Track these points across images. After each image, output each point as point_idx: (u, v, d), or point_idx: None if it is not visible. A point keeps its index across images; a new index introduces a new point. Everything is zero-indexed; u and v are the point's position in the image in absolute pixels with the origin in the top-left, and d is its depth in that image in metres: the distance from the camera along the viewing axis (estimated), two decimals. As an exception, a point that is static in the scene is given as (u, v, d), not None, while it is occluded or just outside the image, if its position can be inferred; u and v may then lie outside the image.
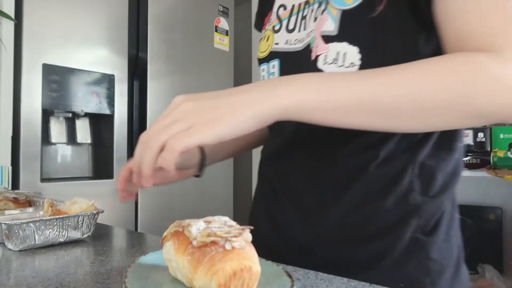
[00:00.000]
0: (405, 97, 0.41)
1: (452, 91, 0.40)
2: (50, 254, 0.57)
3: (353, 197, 0.53)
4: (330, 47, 0.51)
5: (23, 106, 1.31)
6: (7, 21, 1.29)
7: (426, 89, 0.40)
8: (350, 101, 0.41)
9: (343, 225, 0.54)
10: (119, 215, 1.53)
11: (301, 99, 0.41)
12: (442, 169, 0.54)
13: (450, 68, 0.41)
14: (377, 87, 0.41)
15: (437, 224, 0.54)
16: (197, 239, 0.39)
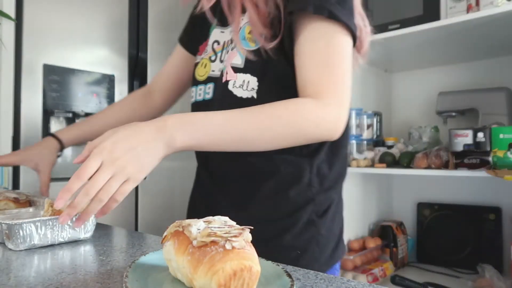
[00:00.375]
0: (259, 133, 0.62)
1: (288, 127, 0.63)
2: (50, 254, 0.57)
3: (269, 189, 0.73)
4: (238, 76, 0.72)
5: (23, 106, 1.31)
6: (7, 21, 1.29)
7: (271, 127, 0.62)
8: (225, 139, 0.61)
9: (260, 209, 0.73)
10: (119, 215, 1.53)
11: (190, 144, 0.59)
12: (332, 170, 0.75)
13: (287, 112, 0.63)
14: (239, 128, 0.61)
15: (327, 209, 0.75)
16: (197, 239, 0.39)
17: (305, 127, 0.64)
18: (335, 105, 0.65)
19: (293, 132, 0.64)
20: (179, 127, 0.58)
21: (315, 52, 0.65)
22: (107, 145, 0.54)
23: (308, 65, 0.66)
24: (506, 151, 1.22)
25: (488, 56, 1.70)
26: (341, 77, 0.67)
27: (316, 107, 0.64)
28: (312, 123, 0.64)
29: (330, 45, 0.65)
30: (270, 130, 0.63)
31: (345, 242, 1.68)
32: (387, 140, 1.76)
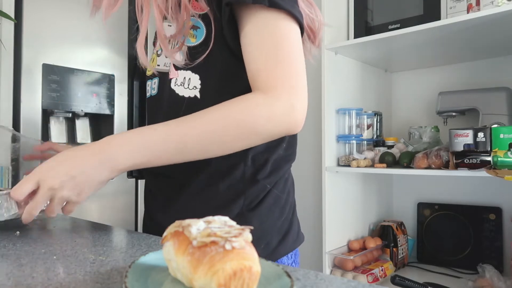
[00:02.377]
0: (204, 141, 0.60)
1: (236, 128, 0.60)
2: (50, 254, 0.57)
3: (199, 183, 0.70)
4: (179, 73, 0.69)
5: (23, 106, 1.31)
6: (7, 21, 1.29)
7: (217, 132, 0.60)
8: (169, 153, 0.60)
9: (189, 204, 0.71)
10: (119, 215, 1.53)
11: (134, 163, 0.60)
12: (270, 160, 0.72)
13: (232, 112, 0.60)
14: (181, 141, 0.60)
15: (260, 202, 0.71)
16: (197, 239, 0.39)
17: (255, 125, 0.60)
18: (286, 96, 0.60)
19: (243, 132, 0.60)
20: (118, 149, 0.60)
21: (261, 42, 0.62)
22: (42, 170, 0.59)
23: (255, 57, 0.62)
24: (507, 151, 1.22)
25: (488, 56, 1.70)
26: (290, 65, 0.61)
27: (264, 101, 0.60)
28: (262, 119, 0.60)
29: (276, 34, 0.62)
30: (216, 135, 0.60)
31: (345, 242, 1.68)
32: (387, 140, 1.76)
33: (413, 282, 1.29)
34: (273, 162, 0.73)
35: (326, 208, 1.58)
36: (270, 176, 0.73)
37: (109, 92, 1.51)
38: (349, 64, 1.74)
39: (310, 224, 1.99)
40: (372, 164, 1.59)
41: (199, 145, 0.61)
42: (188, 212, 0.64)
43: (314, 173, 1.97)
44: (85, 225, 0.80)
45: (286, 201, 0.77)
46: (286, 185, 0.78)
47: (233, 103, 0.61)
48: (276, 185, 0.74)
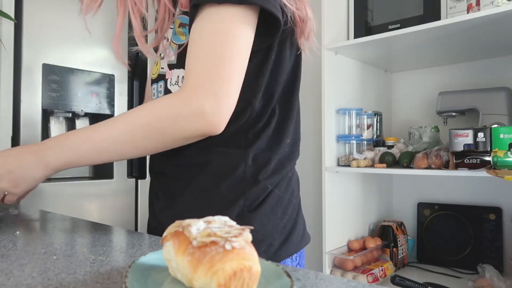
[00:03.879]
0: (120, 142, 0.63)
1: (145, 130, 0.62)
2: (50, 254, 0.57)
3: (200, 183, 0.70)
4: (173, 72, 0.70)
5: (23, 106, 1.31)
6: (7, 21, 1.29)
7: (130, 134, 0.62)
8: (90, 154, 0.64)
9: (189, 204, 0.71)
10: (119, 215, 1.53)
11: (63, 163, 0.66)
12: (272, 160, 0.71)
13: (141, 114, 0.63)
14: (100, 142, 0.63)
15: (261, 203, 0.70)
16: (197, 239, 0.39)
17: (161, 126, 0.61)
18: (199, 99, 0.59)
19: (150, 133, 0.62)
20: (49, 151, 0.66)
21: (198, 41, 0.61)
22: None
23: (189, 55, 0.62)
24: (507, 151, 1.22)
25: (488, 56, 1.70)
26: (218, 68, 0.59)
27: (174, 103, 0.60)
28: (168, 120, 0.60)
29: (215, 32, 0.60)
30: (128, 137, 0.63)
31: (345, 242, 1.68)
32: (387, 140, 1.76)
33: (413, 282, 1.29)
34: (277, 161, 0.72)
35: (326, 208, 1.58)
36: (272, 176, 0.72)
37: (109, 92, 1.51)
38: (349, 64, 1.74)
39: (310, 224, 1.98)
40: (372, 164, 1.59)
41: (114, 146, 0.64)
42: (192, 213, 0.62)
43: (314, 173, 1.97)
44: (85, 225, 0.80)
45: (289, 201, 0.76)
46: (290, 185, 0.77)
47: (147, 105, 0.64)
48: (278, 185, 0.73)
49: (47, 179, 1.46)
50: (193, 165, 0.70)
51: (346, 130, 1.68)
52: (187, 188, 0.72)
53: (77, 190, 1.43)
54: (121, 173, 1.54)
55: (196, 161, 0.70)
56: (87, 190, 1.45)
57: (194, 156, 0.71)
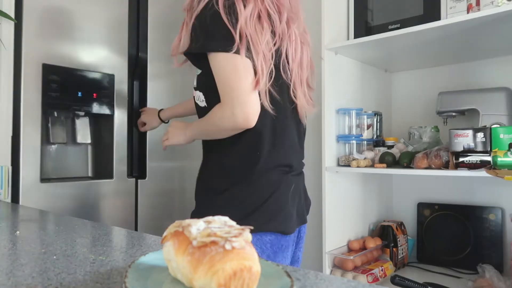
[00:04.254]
0: (206, 131, 1.03)
1: (210, 126, 1.00)
2: (50, 254, 0.57)
3: (203, 172, 1.09)
4: (196, 93, 1.06)
5: (23, 106, 1.31)
6: (7, 21, 1.29)
7: (207, 127, 1.02)
8: (198, 134, 1.07)
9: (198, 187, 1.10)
10: (119, 215, 1.53)
11: (190, 136, 1.11)
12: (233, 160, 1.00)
13: (207, 118, 1.00)
14: (201, 130, 1.05)
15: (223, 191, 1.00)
16: (197, 239, 0.39)
17: (216, 124, 0.96)
18: (228, 107, 0.91)
19: (214, 128, 0.98)
20: (187, 128, 1.12)
21: (216, 77, 0.93)
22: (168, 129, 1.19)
23: (218, 86, 0.94)
24: (506, 151, 1.22)
25: (488, 56, 1.70)
26: (231, 88, 0.90)
27: (218, 111, 0.94)
28: (218, 121, 0.95)
29: (220, 70, 0.92)
30: (208, 129, 1.02)
31: (345, 242, 1.68)
32: (387, 140, 1.76)
33: (413, 282, 1.29)
34: (240, 160, 0.99)
35: (326, 208, 1.58)
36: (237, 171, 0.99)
37: (109, 92, 1.51)
38: (349, 64, 1.74)
39: (310, 224, 1.98)
40: (372, 164, 1.59)
41: (205, 134, 1.04)
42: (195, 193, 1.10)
43: (314, 173, 1.96)
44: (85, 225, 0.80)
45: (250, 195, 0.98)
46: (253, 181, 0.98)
47: (209, 113, 0.98)
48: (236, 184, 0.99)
49: (47, 179, 1.45)
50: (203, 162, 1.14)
51: (346, 130, 1.68)
52: (199, 176, 1.13)
53: (77, 190, 1.43)
54: (121, 173, 1.54)
55: (204, 160, 1.13)
56: (87, 190, 1.45)
57: (204, 157, 1.13)
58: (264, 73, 0.92)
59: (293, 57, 1.01)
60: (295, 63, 1.01)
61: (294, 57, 1.01)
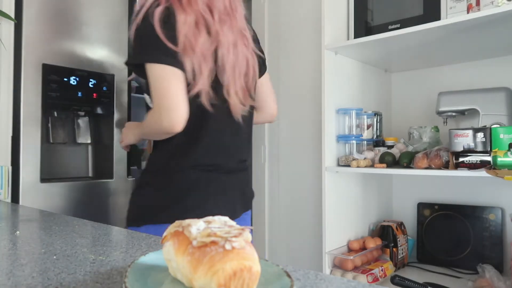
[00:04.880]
0: (144, 132, 1.12)
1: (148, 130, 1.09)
2: (50, 254, 0.57)
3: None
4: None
5: (23, 106, 1.31)
6: (7, 21, 1.29)
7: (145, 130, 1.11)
8: (142, 134, 1.15)
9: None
10: (119, 215, 1.53)
11: (137, 135, 1.17)
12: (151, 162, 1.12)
13: (147, 122, 1.10)
14: (141, 130, 1.14)
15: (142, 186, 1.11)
16: (197, 239, 0.39)
17: (148, 127, 1.06)
18: (156, 113, 0.98)
19: (147, 131, 1.08)
20: (136, 128, 1.19)
21: (150, 85, 0.99)
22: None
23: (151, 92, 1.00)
24: (507, 151, 1.22)
25: (488, 56, 1.70)
26: (160, 96, 0.97)
27: (149, 115, 1.03)
28: (148, 124, 1.05)
29: (152, 80, 0.98)
30: (144, 131, 1.10)
31: (345, 242, 1.68)
32: (387, 140, 1.75)
33: (413, 282, 1.29)
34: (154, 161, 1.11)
35: (326, 208, 1.58)
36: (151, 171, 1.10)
37: (109, 92, 1.51)
38: (349, 64, 1.74)
39: (310, 224, 1.99)
40: (372, 164, 1.59)
41: (145, 134, 1.13)
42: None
43: (314, 173, 1.97)
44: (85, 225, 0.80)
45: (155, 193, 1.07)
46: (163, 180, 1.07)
47: (147, 116, 1.05)
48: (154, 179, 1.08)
49: (48, 179, 1.45)
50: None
51: (346, 130, 1.68)
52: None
53: (77, 190, 1.43)
54: (121, 173, 1.54)
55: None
56: (87, 190, 1.45)
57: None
58: (204, 74, 0.98)
59: (226, 58, 1.04)
60: (228, 64, 1.04)
61: (227, 58, 1.04)
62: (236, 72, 1.07)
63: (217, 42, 1.03)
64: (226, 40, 1.04)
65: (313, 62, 1.96)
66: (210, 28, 1.02)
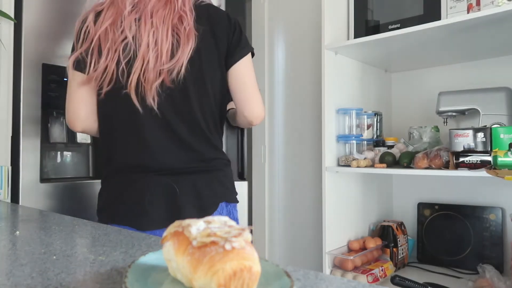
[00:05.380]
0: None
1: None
2: (49, 254, 0.57)
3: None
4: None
5: (22, 106, 1.31)
6: (7, 21, 1.29)
7: None
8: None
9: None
10: (119, 215, 1.53)
11: None
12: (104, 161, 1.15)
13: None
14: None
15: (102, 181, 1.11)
16: (197, 239, 0.39)
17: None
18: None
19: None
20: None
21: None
22: None
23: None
24: (507, 151, 1.22)
25: (488, 56, 1.70)
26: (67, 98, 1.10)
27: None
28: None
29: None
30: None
31: (345, 242, 1.68)
32: (387, 140, 1.75)
33: (413, 282, 1.29)
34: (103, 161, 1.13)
35: (326, 208, 1.58)
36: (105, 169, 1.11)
37: (109, 92, 1.51)
38: (349, 64, 1.74)
39: (310, 224, 1.99)
40: (372, 164, 1.59)
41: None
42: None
43: (314, 173, 1.97)
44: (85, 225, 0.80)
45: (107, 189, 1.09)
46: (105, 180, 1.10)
47: None
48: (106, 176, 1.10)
49: (47, 179, 1.45)
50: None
51: (346, 130, 1.68)
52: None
53: (77, 190, 1.43)
54: (121, 173, 1.54)
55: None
56: (87, 190, 1.45)
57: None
58: (110, 73, 0.98)
59: (139, 47, 0.98)
60: (139, 55, 0.97)
61: (140, 46, 0.97)
62: (150, 65, 0.97)
63: (131, 32, 0.99)
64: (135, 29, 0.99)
65: (313, 62, 1.96)
66: (124, 18, 1.00)
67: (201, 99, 1.04)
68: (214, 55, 1.06)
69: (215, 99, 1.08)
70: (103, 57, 0.99)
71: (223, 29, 1.08)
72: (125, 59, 0.98)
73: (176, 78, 0.99)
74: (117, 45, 0.98)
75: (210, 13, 1.08)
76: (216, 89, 1.08)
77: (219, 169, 1.09)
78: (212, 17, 1.08)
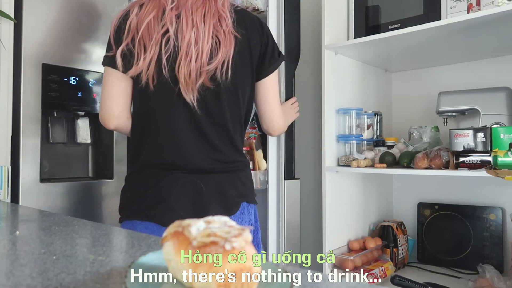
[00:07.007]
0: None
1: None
2: (49, 254, 0.57)
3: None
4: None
5: (22, 106, 1.31)
6: (7, 21, 1.29)
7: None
8: None
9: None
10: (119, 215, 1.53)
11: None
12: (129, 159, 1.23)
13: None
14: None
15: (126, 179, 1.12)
16: (197, 239, 0.39)
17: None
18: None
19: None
20: None
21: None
22: None
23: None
24: (507, 151, 1.22)
25: (488, 56, 1.70)
26: (102, 93, 1.07)
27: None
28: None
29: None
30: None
31: (345, 242, 1.68)
32: (387, 140, 1.75)
33: (413, 282, 1.29)
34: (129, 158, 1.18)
35: (326, 208, 1.58)
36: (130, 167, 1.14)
37: (109, 92, 1.51)
38: (349, 64, 1.74)
39: (310, 224, 1.99)
40: (372, 164, 1.59)
41: None
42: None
43: (314, 173, 1.97)
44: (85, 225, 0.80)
45: (131, 187, 1.08)
46: (130, 177, 1.10)
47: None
48: (130, 173, 1.11)
49: (47, 179, 1.45)
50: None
51: (346, 130, 1.68)
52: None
53: (77, 190, 1.43)
54: (121, 173, 1.54)
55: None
56: (87, 190, 1.45)
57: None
58: (152, 67, 0.97)
59: (180, 43, 0.97)
60: (182, 51, 0.97)
61: (182, 43, 0.97)
62: (192, 65, 0.97)
63: (174, 29, 0.98)
64: (179, 26, 0.99)
65: (313, 62, 1.96)
66: (166, 14, 0.99)
67: (231, 102, 1.06)
68: (247, 62, 1.07)
69: (243, 104, 1.10)
70: (147, 51, 0.97)
71: (256, 36, 1.08)
72: (166, 54, 0.98)
73: (213, 79, 1.00)
74: (158, 38, 0.97)
75: (245, 18, 1.08)
76: (245, 95, 1.09)
77: (241, 169, 1.10)
78: (248, 22, 1.08)
